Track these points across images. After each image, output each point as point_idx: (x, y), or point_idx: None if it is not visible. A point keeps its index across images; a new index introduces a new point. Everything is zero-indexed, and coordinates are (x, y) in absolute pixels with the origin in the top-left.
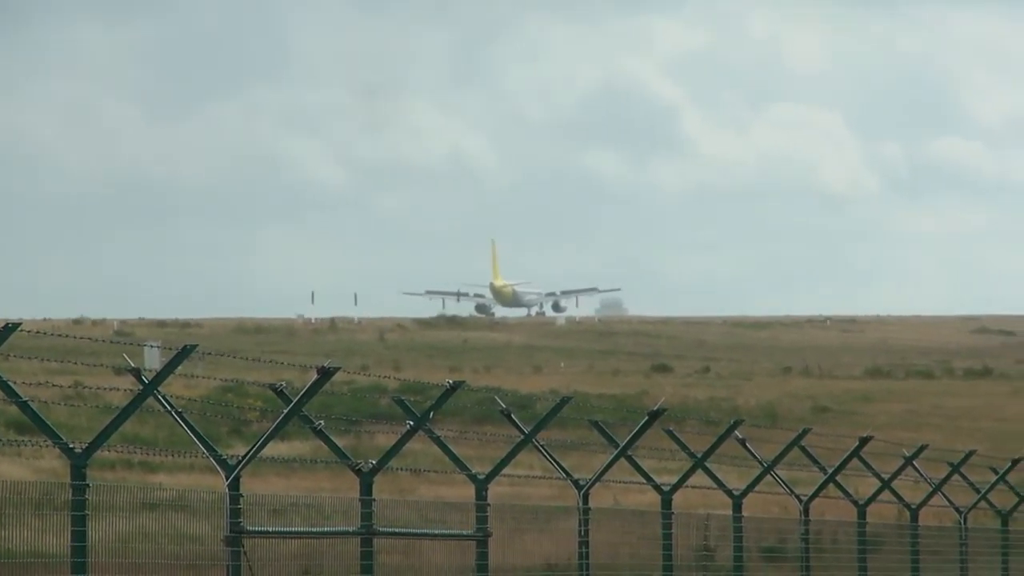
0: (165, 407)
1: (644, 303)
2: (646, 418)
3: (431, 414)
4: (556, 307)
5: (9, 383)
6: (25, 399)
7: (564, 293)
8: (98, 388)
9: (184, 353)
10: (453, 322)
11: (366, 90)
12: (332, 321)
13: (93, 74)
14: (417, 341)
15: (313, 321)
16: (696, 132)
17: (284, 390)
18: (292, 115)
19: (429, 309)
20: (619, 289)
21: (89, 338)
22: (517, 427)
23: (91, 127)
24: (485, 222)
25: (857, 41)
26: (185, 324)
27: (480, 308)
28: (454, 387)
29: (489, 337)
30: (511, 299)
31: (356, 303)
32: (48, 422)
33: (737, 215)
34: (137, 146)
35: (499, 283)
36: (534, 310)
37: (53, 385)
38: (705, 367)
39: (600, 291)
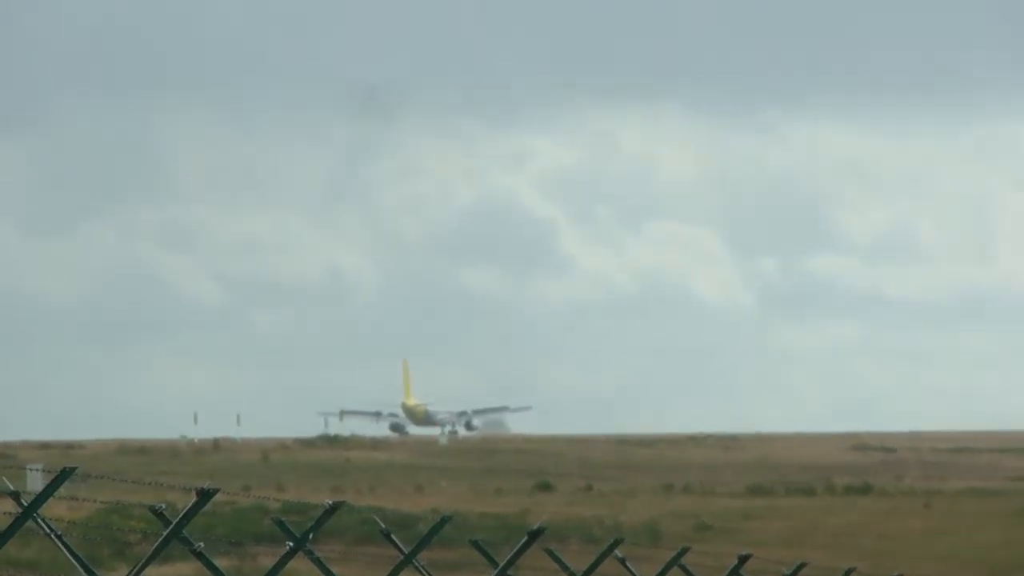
0: (44, 530)
1: (525, 420)
2: (526, 537)
3: (311, 535)
4: (468, 426)
5: None
6: None
7: (476, 412)
8: None
9: (63, 476)
10: (335, 442)
11: (240, 206)
12: (215, 441)
13: None
14: (300, 461)
15: (196, 441)
16: (573, 248)
17: (164, 512)
18: (167, 231)
19: (311, 429)
20: (530, 407)
21: None
22: (397, 547)
23: None
24: (365, 340)
25: (729, 158)
26: (69, 445)
27: (394, 427)
28: (334, 507)
29: (372, 457)
30: (424, 418)
31: (239, 423)
32: None
33: (615, 331)
34: (11, 262)
35: (411, 402)
36: (447, 429)
37: None
38: (588, 485)
39: (512, 409)
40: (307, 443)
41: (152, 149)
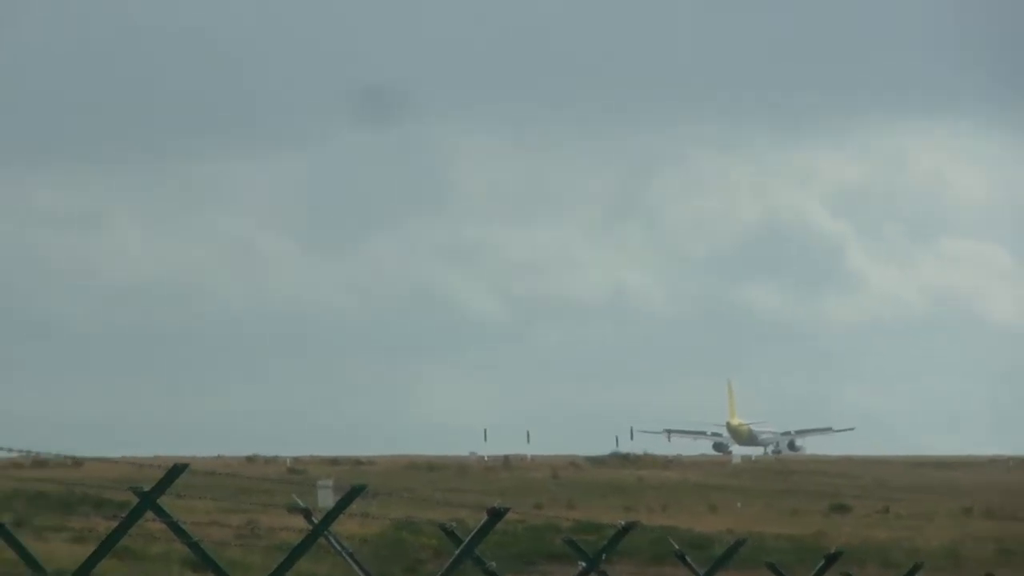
0: (335, 548)
1: (817, 441)
2: (823, 561)
3: (604, 555)
4: (792, 446)
5: (180, 524)
6: (196, 539)
7: (799, 432)
8: (271, 527)
9: (354, 493)
10: (626, 460)
11: (524, 222)
12: (505, 459)
13: (250, 208)
14: (591, 479)
15: (486, 459)
16: (861, 266)
17: (455, 530)
18: (452, 248)
19: (600, 447)
20: (853, 428)
21: (261, 478)
22: (692, 569)
23: (251, 262)
24: (650, 357)
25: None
26: (358, 461)
27: (718, 447)
28: (627, 528)
29: (663, 476)
30: (748, 438)
31: (528, 440)
32: (220, 563)
33: (905, 350)
34: (298, 281)
35: (736, 422)
36: (770, 449)
37: (225, 525)
38: (885, 507)
39: (835, 430)
40: (598, 461)
41: (435, 166)
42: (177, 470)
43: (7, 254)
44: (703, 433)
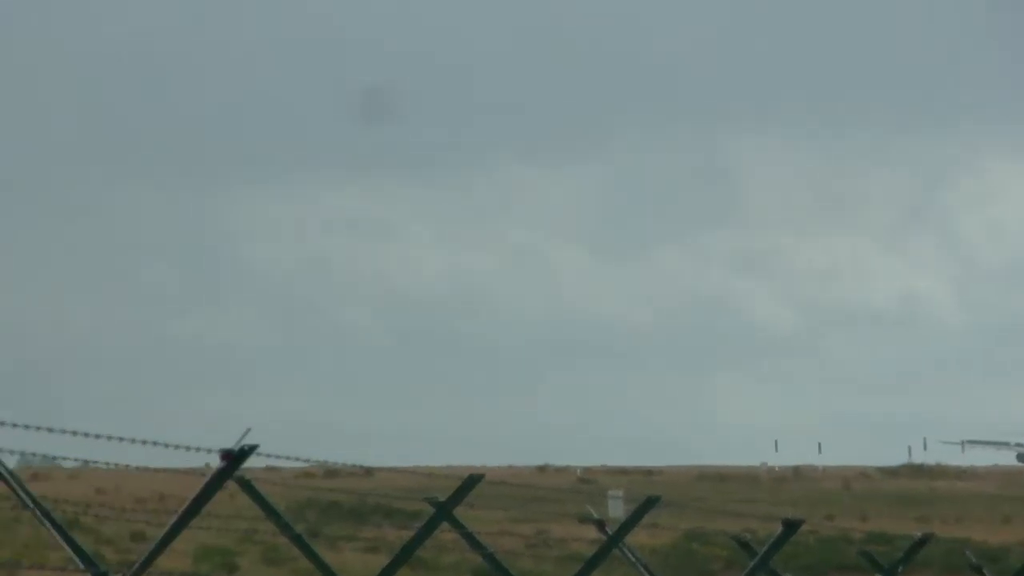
0: (629, 559)
1: None
2: None
3: (900, 568)
4: None
5: (474, 534)
6: (491, 550)
7: None
8: (562, 537)
9: (648, 505)
10: (920, 471)
11: (814, 231)
12: (795, 469)
13: (541, 218)
14: (883, 490)
15: (776, 469)
16: None
17: (749, 541)
18: (740, 257)
19: (892, 458)
20: None
21: (552, 489)
22: None
23: (542, 272)
24: (944, 366)
25: None
26: (648, 472)
27: (1021, 458)
28: (923, 540)
29: (956, 487)
30: None
31: (820, 451)
32: (512, 572)
33: None
34: (588, 291)
35: None
36: None
37: (516, 535)
38: None
39: None
40: (889, 472)
41: (725, 175)
42: (472, 481)
43: (304, 263)
44: (1007, 444)
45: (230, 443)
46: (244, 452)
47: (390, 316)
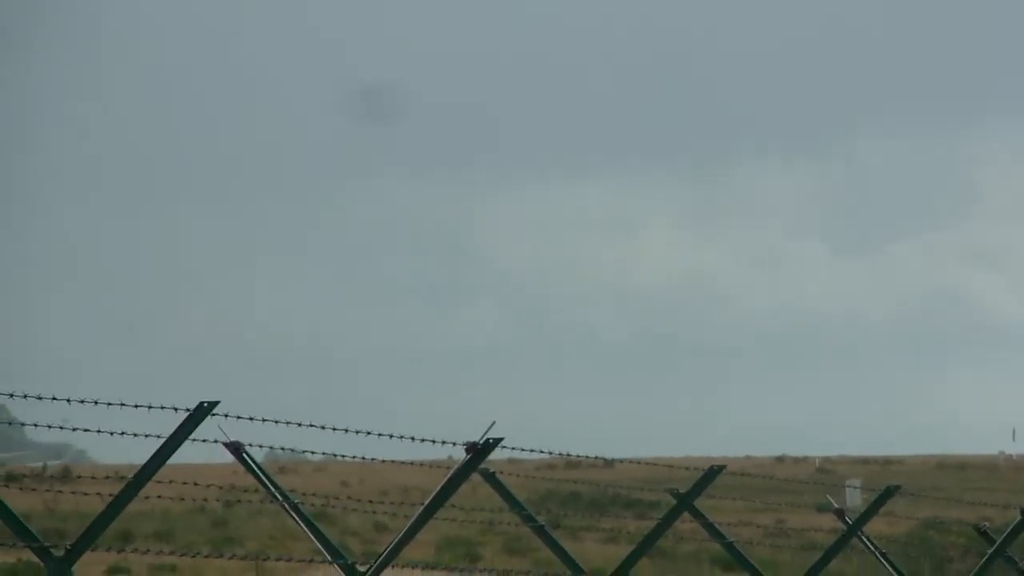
0: (868, 547)
1: None
2: None
3: None
4: None
5: (714, 524)
6: (731, 539)
7: None
8: (800, 527)
9: (887, 494)
10: None
11: None
12: None
13: (778, 214)
14: None
15: (1014, 457)
16: None
17: (987, 530)
18: (975, 250)
19: None
20: None
21: (790, 479)
22: None
23: (778, 267)
24: None
25: None
26: (887, 461)
27: None
28: None
29: None
30: None
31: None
32: (751, 561)
33: None
34: (825, 285)
35: None
36: None
37: (754, 525)
38: None
39: None
40: None
41: (959, 169)
42: (713, 472)
43: (546, 261)
44: None
45: (474, 437)
46: (489, 445)
47: (629, 312)
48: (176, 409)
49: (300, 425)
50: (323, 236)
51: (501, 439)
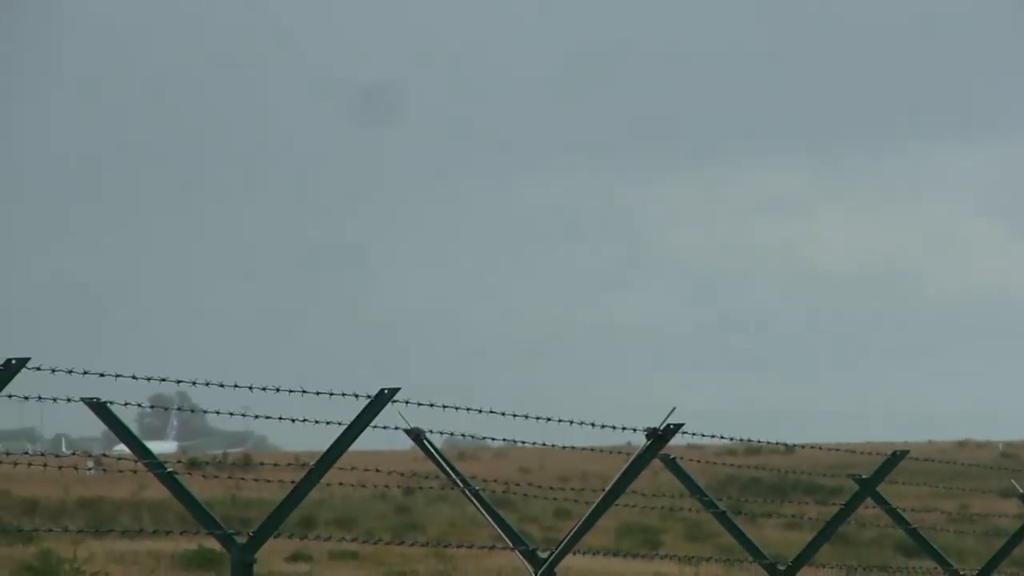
0: None
1: None
2: None
3: None
4: None
5: (897, 510)
6: (914, 525)
7: None
8: (984, 512)
9: None
10: None
11: None
12: None
13: (957, 193)
14: None
15: None
16: None
17: None
18: None
19: None
20: None
21: (973, 464)
22: None
23: (957, 248)
24: None
25: None
26: None
27: None
28: None
29: None
30: None
31: None
32: (935, 546)
33: None
34: (1005, 266)
35: None
36: None
37: (937, 511)
38: None
39: None
40: None
41: None
42: (896, 457)
43: (724, 245)
44: None
45: (654, 422)
46: (669, 431)
47: (806, 295)
48: (357, 396)
49: (480, 411)
50: (498, 223)
51: (682, 425)
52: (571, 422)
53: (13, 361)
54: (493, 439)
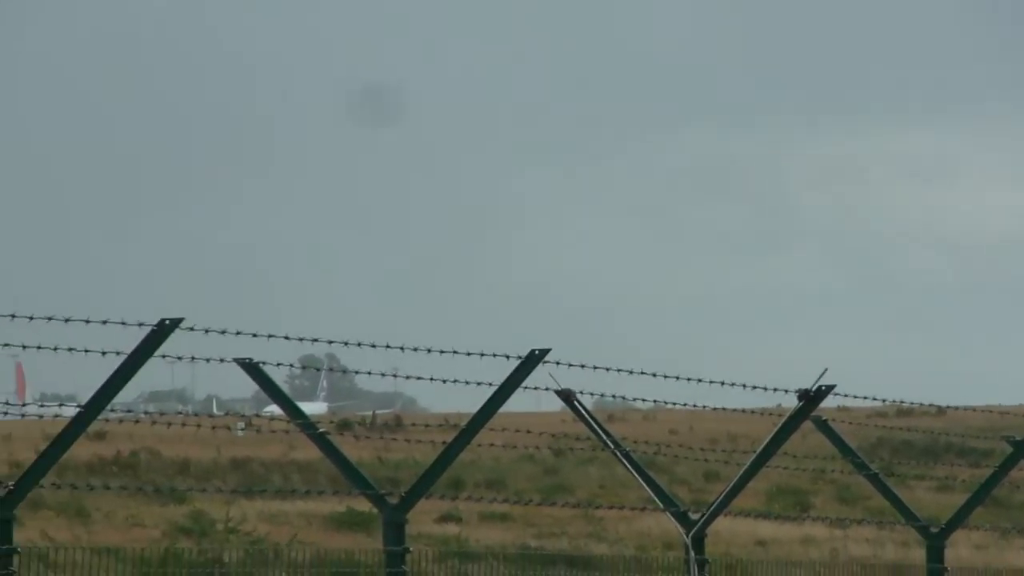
0: None
1: None
2: None
3: None
4: None
5: None
6: None
7: None
8: None
9: None
10: None
11: None
12: None
13: None
14: None
15: None
16: None
17: None
18: None
19: None
20: None
21: None
22: None
23: None
24: None
25: None
26: None
27: None
28: None
29: None
30: None
31: None
32: None
33: None
34: None
35: None
36: None
37: None
38: None
39: None
40: None
41: None
42: None
43: (870, 208)
44: None
45: (804, 384)
46: (821, 392)
47: (958, 255)
48: (508, 357)
49: (631, 373)
50: (648, 183)
51: (833, 386)
52: (721, 383)
53: (167, 322)
54: (644, 400)
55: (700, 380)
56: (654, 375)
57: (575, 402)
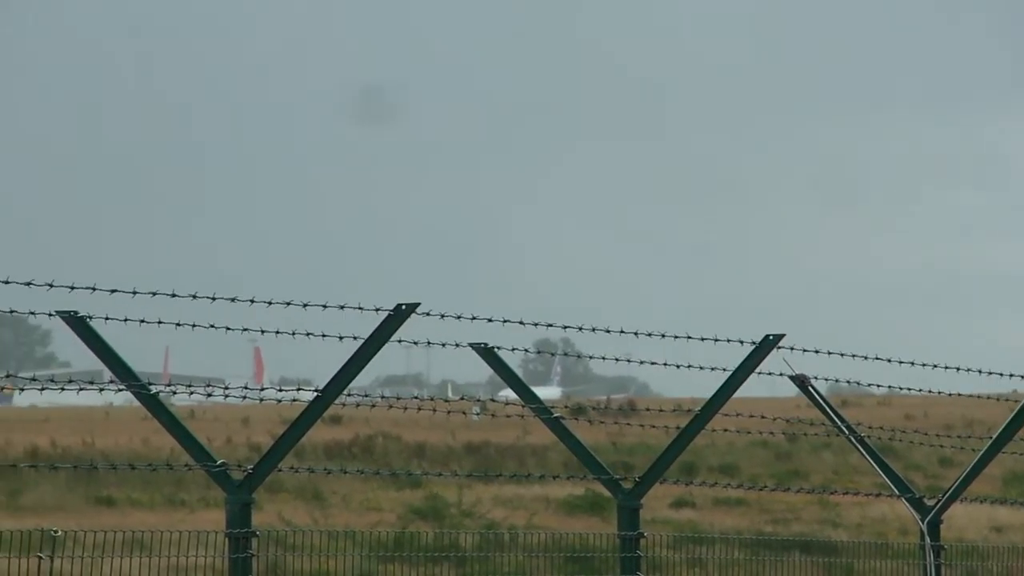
0: None
1: None
2: None
3: None
4: None
5: None
6: None
7: None
8: None
9: None
10: None
11: None
12: None
13: None
14: None
15: None
16: None
17: None
18: None
19: None
20: None
21: None
22: None
23: None
24: None
25: None
26: None
27: None
28: None
29: None
30: None
31: None
32: None
33: None
34: None
35: None
36: None
37: None
38: None
39: None
40: None
41: None
42: None
43: None
44: None
45: None
46: None
47: None
48: (742, 342)
49: (866, 358)
50: (878, 167)
51: None
52: (957, 369)
53: (403, 306)
54: (878, 386)
55: (935, 365)
56: (889, 360)
57: (810, 387)
